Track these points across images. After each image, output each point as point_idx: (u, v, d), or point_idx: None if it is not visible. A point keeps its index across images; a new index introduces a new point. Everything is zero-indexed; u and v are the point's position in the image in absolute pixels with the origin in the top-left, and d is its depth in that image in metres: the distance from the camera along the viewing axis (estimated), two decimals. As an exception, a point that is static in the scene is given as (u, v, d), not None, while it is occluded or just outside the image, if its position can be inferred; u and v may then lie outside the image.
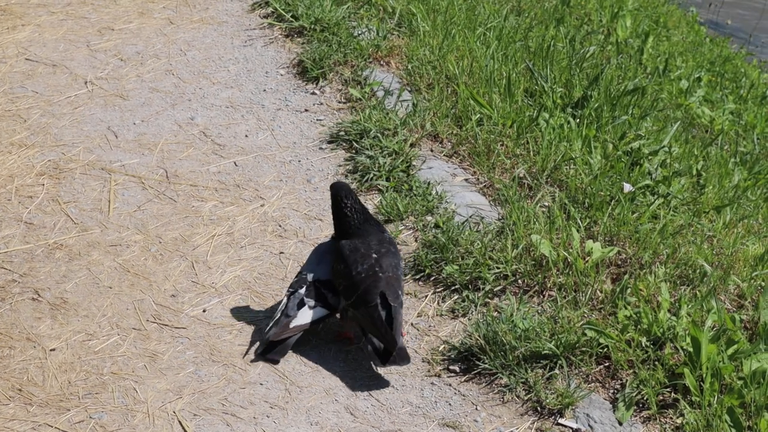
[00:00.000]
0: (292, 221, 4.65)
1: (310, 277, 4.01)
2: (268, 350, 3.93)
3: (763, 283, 4.21)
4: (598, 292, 4.10)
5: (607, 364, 3.86)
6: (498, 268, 4.22)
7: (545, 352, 3.82)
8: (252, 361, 3.93)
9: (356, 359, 3.96)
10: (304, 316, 3.92)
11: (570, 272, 4.16)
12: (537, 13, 7.01)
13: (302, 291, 3.96)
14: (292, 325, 3.90)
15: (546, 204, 4.64)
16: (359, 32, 6.01)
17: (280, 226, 4.61)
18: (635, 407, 3.71)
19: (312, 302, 3.94)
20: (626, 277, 4.13)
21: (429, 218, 4.60)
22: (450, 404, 3.78)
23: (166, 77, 5.79)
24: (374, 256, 3.91)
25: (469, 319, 4.10)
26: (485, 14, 6.42)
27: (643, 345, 3.84)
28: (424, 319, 4.15)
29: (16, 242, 4.52)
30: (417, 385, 3.86)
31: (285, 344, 3.92)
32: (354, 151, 5.07)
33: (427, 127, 5.14)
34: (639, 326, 3.89)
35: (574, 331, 3.87)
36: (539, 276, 4.19)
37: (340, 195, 3.99)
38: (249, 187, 4.86)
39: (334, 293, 3.96)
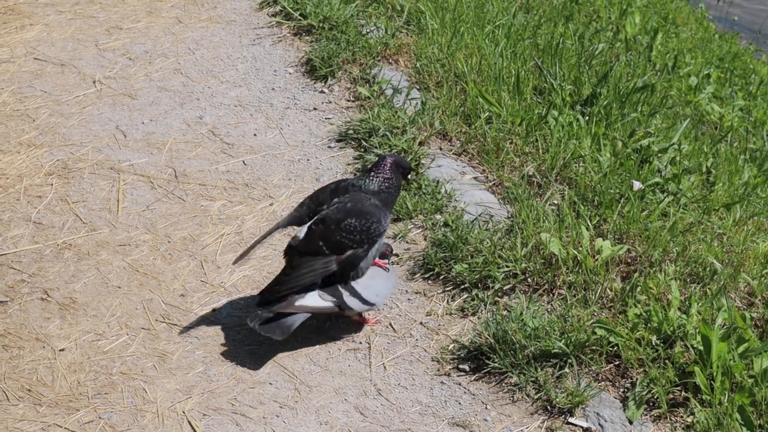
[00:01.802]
0: (300, 220, 4.64)
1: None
2: (267, 323, 3.85)
3: (773, 281, 4.21)
4: (607, 290, 4.09)
5: (617, 362, 3.85)
6: (507, 266, 4.21)
7: (555, 350, 3.81)
8: (250, 328, 3.87)
9: (366, 358, 3.96)
10: (311, 300, 3.89)
11: (580, 270, 4.15)
12: (545, 10, 7.00)
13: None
14: (297, 303, 3.86)
15: (555, 202, 4.63)
16: (368, 30, 6.00)
17: (288, 225, 4.61)
18: (645, 406, 3.70)
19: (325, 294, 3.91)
20: (636, 275, 4.12)
21: (438, 217, 4.59)
22: (460, 403, 3.77)
23: (175, 76, 5.79)
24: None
25: (478, 318, 4.10)
26: (494, 12, 6.41)
27: (654, 343, 3.83)
28: (433, 318, 4.14)
29: (25, 242, 4.53)
30: (427, 384, 3.85)
31: (286, 323, 3.85)
32: (363, 150, 5.07)
33: (436, 125, 5.13)
34: (649, 324, 3.88)
35: (584, 330, 3.86)
36: (549, 274, 4.18)
37: None
38: (258, 186, 4.86)
39: (352, 294, 3.94)
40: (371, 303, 3.98)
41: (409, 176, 4.23)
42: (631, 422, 3.66)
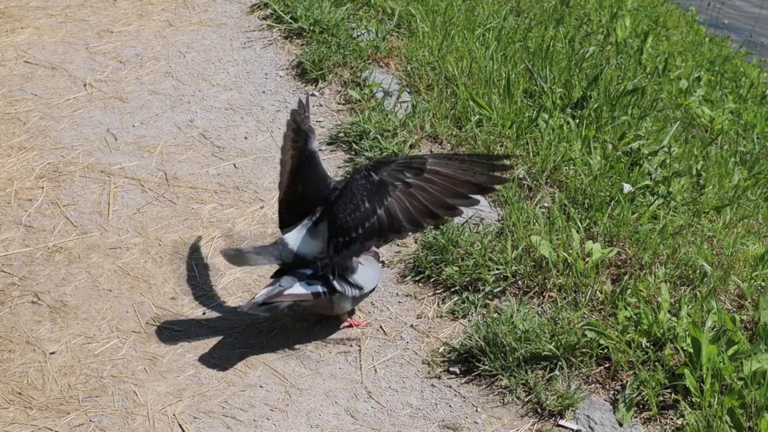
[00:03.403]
0: (291, 223, 4.64)
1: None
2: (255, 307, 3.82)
3: (763, 283, 4.21)
4: (598, 293, 4.10)
5: (607, 365, 3.86)
6: (498, 269, 4.22)
7: (545, 353, 3.82)
8: (239, 311, 3.88)
9: (356, 361, 3.96)
10: (299, 288, 3.86)
11: (570, 273, 4.16)
12: (536, 13, 7.01)
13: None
14: (286, 293, 3.83)
15: (546, 205, 4.64)
16: (358, 33, 6.01)
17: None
18: (636, 408, 3.71)
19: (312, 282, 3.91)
20: (626, 277, 4.12)
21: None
22: (450, 406, 3.78)
23: (166, 79, 5.79)
24: None
25: (469, 321, 4.10)
26: (484, 15, 6.42)
27: (644, 346, 3.84)
28: (424, 321, 4.14)
29: (16, 245, 4.52)
30: (417, 387, 3.85)
31: (275, 305, 3.83)
32: (354, 153, 5.07)
33: (427, 128, 5.14)
34: (639, 327, 3.89)
35: (574, 332, 3.86)
36: (539, 277, 4.19)
37: None
38: (249, 189, 4.86)
39: (343, 280, 3.93)
40: (360, 287, 3.96)
41: None
42: (621, 424, 3.67)
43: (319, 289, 3.87)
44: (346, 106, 5.48)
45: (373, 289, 4.12)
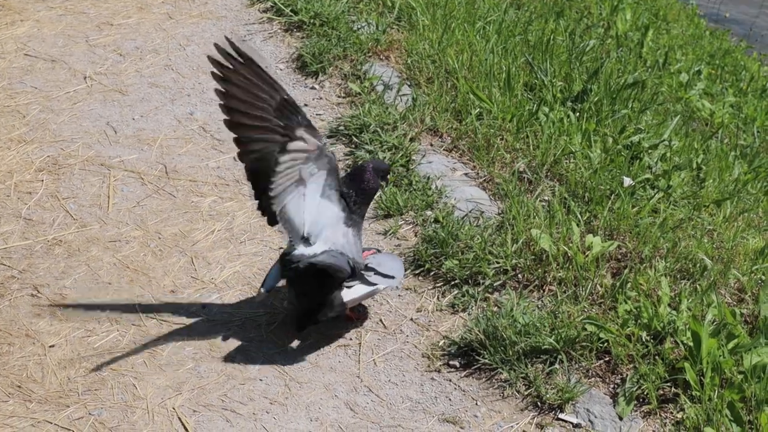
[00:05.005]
0: (291, 216, 4.63)
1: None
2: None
3: (763, 277, 4.21)
4: (598, 286, 4.10)
5: (607, 358, 3.85)
6: (498, 262, 4.21)
7: (545, 347, 3.81)
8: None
9: (356, 354, 3.96)
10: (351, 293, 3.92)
11: (570, 267, 4.16)
12: (536, 6, 7.00)
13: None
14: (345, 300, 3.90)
15: (546, 198, 4.63)
16: (359, 26, 6.00)
17: (279, 221, 4.60)
18: (635, 402, 3.71)
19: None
20: (626, 271, 4.12)
21: (429, 213, 4.59)
22: (450, 399, 3.78)
23: (165, 72, 5.78)
24: None
25: (469, 314, 4.10)
26: (485, 8, 6.41)
27: (644, 339, 3.83)
28: (423, 315, 4.14)
29: (15, 238, 4.52)
30: (417, 381, 3.85)
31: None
32: (354, 146, 5.06)
33: (427, 121, 5.13)
34: (639, 321, 3.89)
35: (574, 326, 3.86)
36: (539, 270, 4.19)
37: None
38: (248, 183, 4.84)
39: (374, 273, 3.95)
40: (391, 276, 3.96)
41: (389, 176, 4.20)
42: (621, 418, 3.66)
43: (368, 288, 3.92)
44: (346, 99, 5.47)
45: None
